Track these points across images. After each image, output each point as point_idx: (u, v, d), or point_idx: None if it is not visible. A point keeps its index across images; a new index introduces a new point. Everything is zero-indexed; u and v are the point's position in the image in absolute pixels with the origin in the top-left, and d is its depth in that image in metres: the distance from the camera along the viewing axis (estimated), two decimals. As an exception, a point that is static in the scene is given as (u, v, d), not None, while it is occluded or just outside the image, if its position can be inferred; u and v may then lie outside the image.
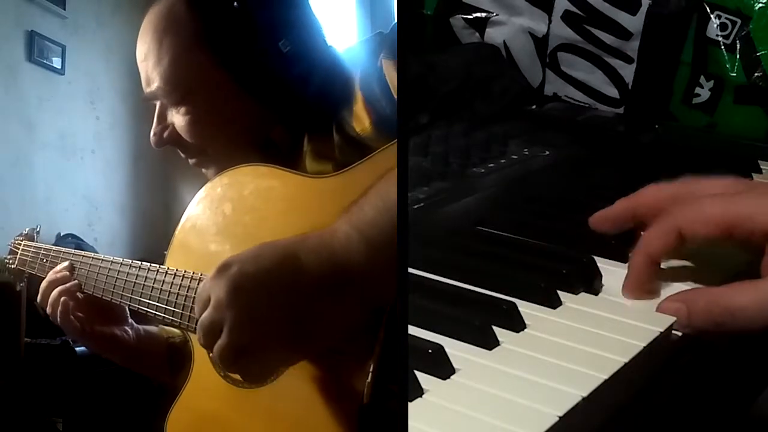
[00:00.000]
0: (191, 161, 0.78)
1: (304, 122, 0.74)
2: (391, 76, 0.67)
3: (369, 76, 0.69)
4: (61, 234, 1.13)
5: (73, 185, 1.19)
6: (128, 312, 0.80)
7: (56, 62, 1.14)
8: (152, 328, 0.82)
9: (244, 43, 0.72)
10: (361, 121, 0.70)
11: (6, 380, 0.97)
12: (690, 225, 0.58)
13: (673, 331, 0.54)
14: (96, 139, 1.20)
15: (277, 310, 0.58)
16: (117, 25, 0.76)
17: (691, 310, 0.54)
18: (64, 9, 1.14)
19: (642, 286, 0.58)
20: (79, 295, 0.79)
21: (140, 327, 0.81)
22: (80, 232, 1.16)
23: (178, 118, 0.75)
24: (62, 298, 0.79)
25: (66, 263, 0.81)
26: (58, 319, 0.79)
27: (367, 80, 0.69)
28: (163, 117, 0.77)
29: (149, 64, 0.75)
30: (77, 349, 1.07)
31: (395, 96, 0.66)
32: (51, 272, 0.81)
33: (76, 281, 0.80)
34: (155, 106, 0.77)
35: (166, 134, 0.76)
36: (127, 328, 0.81)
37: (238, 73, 0.73)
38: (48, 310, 0.79)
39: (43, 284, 0.80)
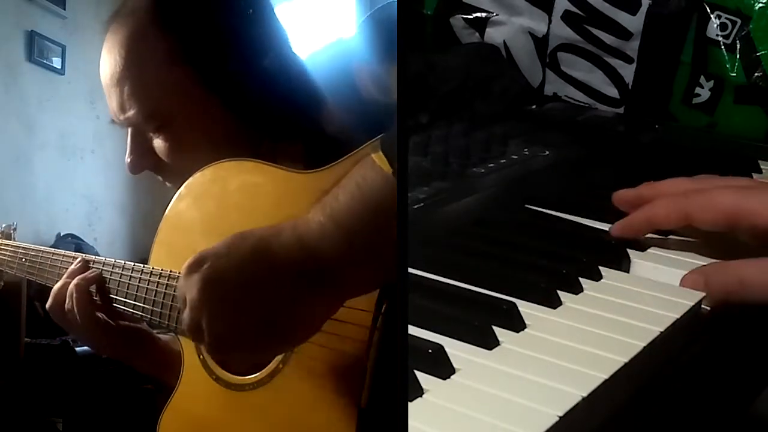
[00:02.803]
0: (169, 184, 0.76)
1: (280, 130, 0.73)
2: (360, 77, 0.67)
3: (339, 77, 0.69)
4: (61, 234, 1.13)
5: (73, 185, 1.20)
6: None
7: (56, 62, 1.14)
8: (165, 335, 0.78)
9: (227, 60, 0.71)
10: (333, 122, 0.70)
11: (6, 380, 0.97)
12: (698, 211, 0.62)
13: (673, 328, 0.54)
14: (96, 139, 1.21)
15: (251, 303, 0.57)
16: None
17: (708, 280, 0.58)
18: (64, 9, 1.14)
19: (628, 235, 0.64)
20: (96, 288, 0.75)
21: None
22: (80, 232, 1.16)
23: (158, 143, 0.73)
24: (81, 289, 0.74)
25: (80, 259, 0.77)
26: (77, 313, 0.74)
27: (337, 82, 0.69)
28: (139, 142, 0.74)
29: (124, 89, 0.72)
30: (77, 349, 1.07)
31: (364, 96, 0.67)
32: (67, 271, 0.76)
33: (96, 270, 0.75)
34: (128, 130, 0.75)
35: (145, 160, 0.75)
36: (146, 327, 0.77)
37: (222, 90, 0.72)
38: (68, 305, 0.74)
39: (58, 285, 0.76)
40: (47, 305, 0.76)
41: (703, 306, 0.57)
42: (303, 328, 0.59)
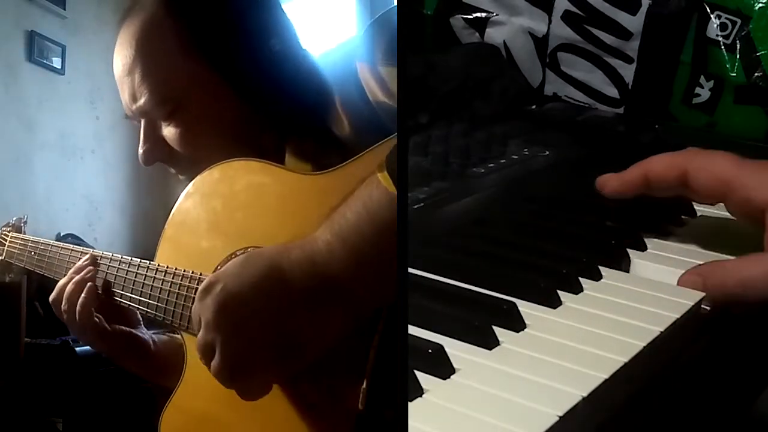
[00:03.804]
0: (182, 177, 0.76)
1: (290, 124, 0.74)
2: (367, 79, 0.67)
3: (346, 79, 0.69)
4: (61, 234, 1.13)
5: (73, 185, 1.19)
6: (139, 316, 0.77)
7: (56, 62, 1.14)
8: (162, 336, 0.79)
9: (237, 44, 0.72)
10: (340, 123, 0.70)
11: (6, 380, 0.97)
12: (697, 169, 0.61)
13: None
14: (96, 139, 1.21)
15: (264, 325, 0.58)
16: (117, 25, 0.76)
17: (707, 282, 0.57)
18: (64, 9, 1.14)
19: (621, 190, 0.64)
20: (97, 288, 0.75)
21: (152, 334, 0.79)
22: (80, 232, 1.16)
23: (170, 131, 0.74)
24: (82, 293, 0.74)
25: (88, 256, 0.78)
26: (77, 315, 0.74)
27: (344, 84, 0.69)
28: (152, 132, 0.75)
29: (135, 78, 0.73)
30: (77, 349, 1.07)
31: (371, 99, 0.67)
32: (73, 267, 0.77)
33: (95, 270, 0.76)
34: (140, 122, 0.75)
35: (157, 151, 0.75)
36: (143, 331, 0.78)
37: (232, 76, 0.72)
38: (64, 305, 0.75)
39: (63, 280, 0.76)
40: (50, 298, 0.77)
41: (703, 306, 0.57)
42: (312, 348, 0.59)
